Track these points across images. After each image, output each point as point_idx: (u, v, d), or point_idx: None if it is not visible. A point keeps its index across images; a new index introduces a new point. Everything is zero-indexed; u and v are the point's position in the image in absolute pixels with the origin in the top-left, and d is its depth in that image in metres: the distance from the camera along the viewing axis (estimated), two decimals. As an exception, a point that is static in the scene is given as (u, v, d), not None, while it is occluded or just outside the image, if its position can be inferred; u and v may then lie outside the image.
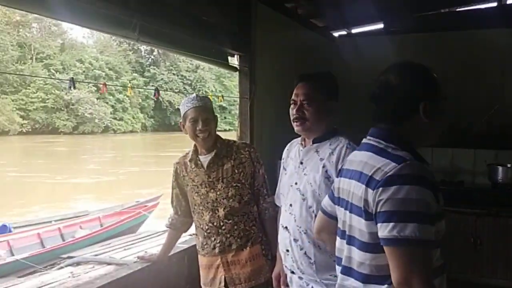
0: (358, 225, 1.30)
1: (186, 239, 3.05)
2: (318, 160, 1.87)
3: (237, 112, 3.49)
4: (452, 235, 1.73)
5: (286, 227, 1.94)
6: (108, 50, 49.31)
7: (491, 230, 3.96)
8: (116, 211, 9.94)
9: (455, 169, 4.76)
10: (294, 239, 1.89)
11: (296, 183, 1.93)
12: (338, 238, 1.45)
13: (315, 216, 1.82)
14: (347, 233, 1.37)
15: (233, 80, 53.52)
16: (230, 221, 2.25)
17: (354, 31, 5.58)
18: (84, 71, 44.08)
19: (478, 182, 4.62)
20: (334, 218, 1.51)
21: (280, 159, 2.16)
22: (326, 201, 1.58)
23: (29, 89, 41.63)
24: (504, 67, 4.60)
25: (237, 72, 3.61)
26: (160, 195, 10.79)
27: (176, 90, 47.40)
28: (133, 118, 48.14)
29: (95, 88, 43.82)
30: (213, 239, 2.29)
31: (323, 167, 1.84)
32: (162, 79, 47.85)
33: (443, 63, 4.67)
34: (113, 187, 17.23)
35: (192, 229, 2.49)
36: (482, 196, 4.23)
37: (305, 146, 1.95)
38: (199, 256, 2.40)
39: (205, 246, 2.33)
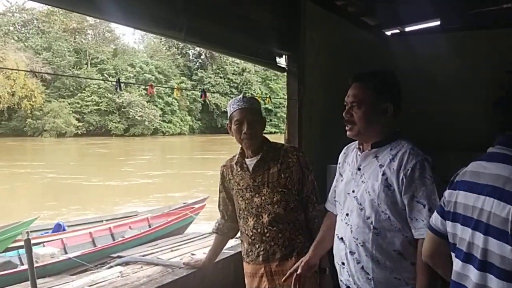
0: (500, 251, 1.11)
1: (233, 245, 2.97)
2: (377, 167, 1.70)
3: (284, 114, 3.37)
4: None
5: (341, 238, 1.79)
6: (158, 55, 50.71)
7: None
8: (164, 213, 10.10)
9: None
10: (351, 252, 1.74)
11: (353, 191, 1.76)
12: (457, 261, 1.26)
13: (374, 228, 1.66)
14: (479, 258, 1.18)
15: (279, 83, 53.51)
16: (274, 228, 2.14)
17: (408, 29, 5.31)
18: (135, 75, 45.58)
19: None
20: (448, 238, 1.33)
21: (334, 163, 2.01)
22: (435, 219, 1.40)
23: (84, 93, 43.58)
24: None
25: (285, 73, 3.50)
26: (207, 197, 10.87)
27: (223, 93, 47.93)
28: (181, 120, 49.19)
29: (145, 91, 45.18)
30: (257, 246, 2.19)
31: (383, 174, 1.66)
32: (209, 82, 48.61)
33: (505, 62, 4.35)
34: (145, 190, 17.19)
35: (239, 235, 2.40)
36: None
37: (363, 151, 1.78)
38: (244, 263, 2.31)
39: (250, 253, 2.23)
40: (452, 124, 4.47)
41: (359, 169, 1.76)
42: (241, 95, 2.19)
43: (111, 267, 7.56)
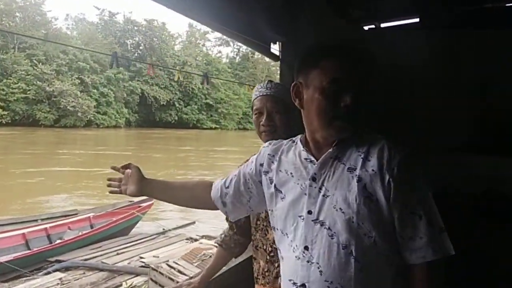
0: None
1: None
2: (345, 171, 1.20)
3: (225, 110, 2.99)
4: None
5: (303, 285, 1.21)
6: (94, 43, 48.34)
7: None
8: (107, 211, 9.38)
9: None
10: None
11: (309, 212, 1.22)
12: None
13: (356, 261, 1.15)
14: None
15: (220, 78, 53.14)
16: None
17: (383, 25, 5.15)
18: (68, 63, 43.15)
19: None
20: None
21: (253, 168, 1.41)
22: None
23: (10, 79, 40.50)
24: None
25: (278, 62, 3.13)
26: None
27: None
28: (117, 112, 47.36)
29: (79, 81, 42.89)
30: (276, 265, 1.81)
31: (359, 180, 1.17)
32: (148, 74, 47.15)
33: (487, 64, 4.29)
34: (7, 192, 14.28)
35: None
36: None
37: (312, 154, 1.27)
38: (256, 286, 1.92)
39: (266, 274, 1.85)
40: (431, 125, 4.37)
41: (313, 179, 1.24)
42: (267, 81, 1.79)
43: (49, 272, 6.90)
